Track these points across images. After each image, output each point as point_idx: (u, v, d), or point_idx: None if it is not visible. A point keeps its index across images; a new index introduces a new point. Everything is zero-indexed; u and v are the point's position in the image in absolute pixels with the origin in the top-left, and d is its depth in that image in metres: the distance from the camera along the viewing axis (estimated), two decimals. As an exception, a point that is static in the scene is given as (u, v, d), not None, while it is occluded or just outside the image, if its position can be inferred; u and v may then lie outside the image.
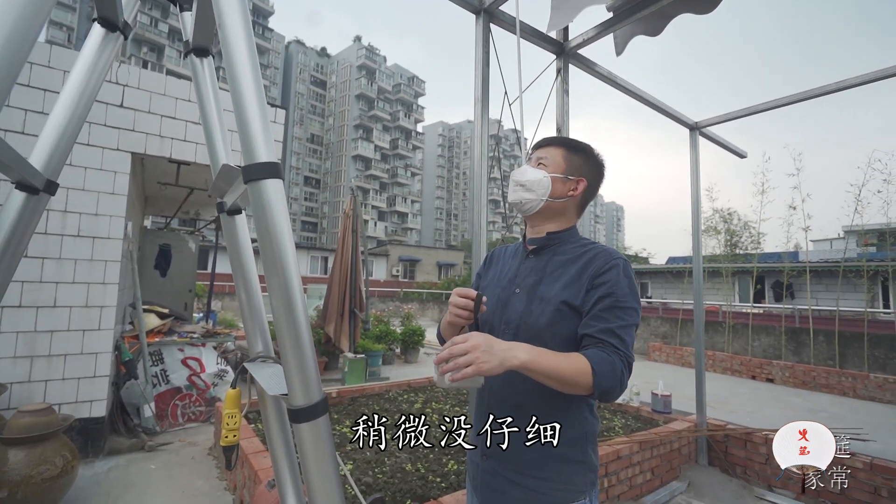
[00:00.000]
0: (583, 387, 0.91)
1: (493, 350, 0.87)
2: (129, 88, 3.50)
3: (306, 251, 26.78)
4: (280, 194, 0.84)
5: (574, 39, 2.61)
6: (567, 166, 1.16)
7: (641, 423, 3.77)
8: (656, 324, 11.05)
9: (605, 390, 0.92)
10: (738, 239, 11.57)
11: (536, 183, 1.14)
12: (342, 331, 6.16)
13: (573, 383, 0.91)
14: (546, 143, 1.22)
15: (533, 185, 1.14)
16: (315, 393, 0.85)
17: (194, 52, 1.23)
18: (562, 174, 1.15)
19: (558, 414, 1.06)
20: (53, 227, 3.16)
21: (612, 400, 0.97)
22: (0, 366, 2.93)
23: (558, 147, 1.19)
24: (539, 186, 1.14)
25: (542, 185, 1.14)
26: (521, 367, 0.89)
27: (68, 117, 1.02)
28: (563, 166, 1.16)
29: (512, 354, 0.88)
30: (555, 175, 1.15)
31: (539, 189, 1.14)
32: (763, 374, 7.96)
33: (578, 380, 0.91)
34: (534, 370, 0.89)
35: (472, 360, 0.84)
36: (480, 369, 0.84)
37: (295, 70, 56.56)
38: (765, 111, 3.36)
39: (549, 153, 1.18)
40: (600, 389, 0.91)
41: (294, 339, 0.84)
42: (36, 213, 0.98)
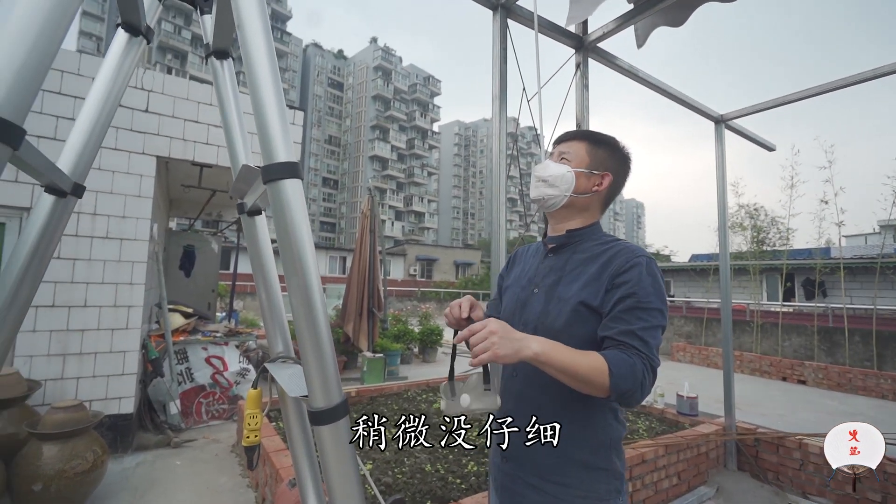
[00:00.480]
0: (598, 386, 0.88)
1: (510, 337, 0.86)
2: (154, 94, 3.59)
3: (325, 251, 27.13)
4: (299, 194, 0.83)
5: (594, 33, 2.54)
6: (591, 160, 1.12)
7: (667, 426, 3.68)
8: (680, 323, 10.78)
9: (623, 392, 0.87)
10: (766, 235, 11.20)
11: (559, 178, 1.10)
12: (361, 330, 6.20)
13: (588, 381, 0.87)
14: (569, 136, 1.18)
15: (556, 180, 1.11)
16: (335, 395, 0.84)
17: (214, 55, 1.24)
18: (586, 168, 1.11)
19: (579, 418, 1.02)
20: (84, 230, 3.27)
21: (631, 404, 0.93)
22: (35, 363, 3.05)
23: (581, 141, 1.15)
24: (562, 182, 1.10)
25: (566, 180, 1.10)
26: (534, 359, 0.86)
27: (94, 121, 1.04)
28: (586, 160, 1.12)
29: (526, 344, 0.86)
30: (578, 170, 1.11)
31: (562, 184, 1.10)
32: (794, 376, 7.67)
33: (594, 378, 0.87)
34: (547, 363, 0.87)
35: (489, 345, 0.84)
36: (496, 354, 0.83)
37: (313, 73, 57.35)
38: (794, 102, 3.22)
39: (571, 147, 1.14)
40: (617, 391, 0.87)
41: (314, 340, 0.83)
42: (64, 215, 1.00)
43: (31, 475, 2.38)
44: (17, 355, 3.01)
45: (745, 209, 10.59)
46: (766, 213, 11.16)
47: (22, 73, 0.62)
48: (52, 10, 0.70)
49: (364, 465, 2.75)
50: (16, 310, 0.94)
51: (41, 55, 0.67)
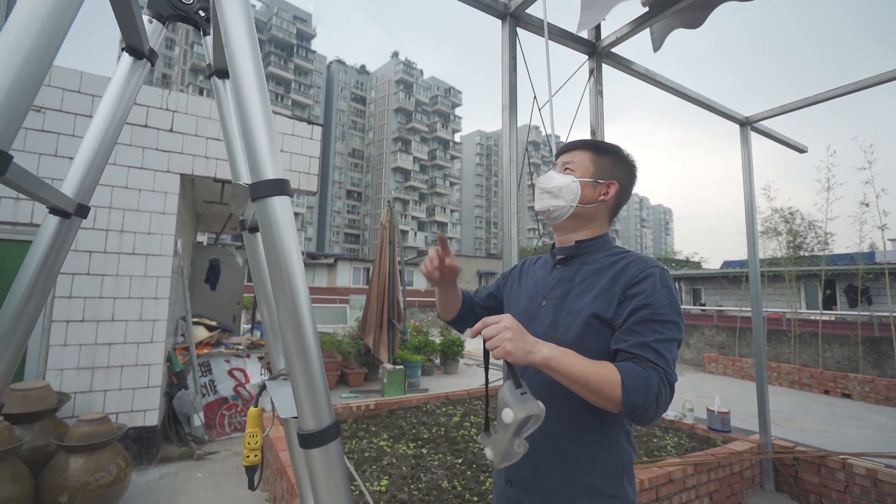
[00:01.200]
0: (609, 398, 0.83)
1: (523, 338, 0.83)
2: (178, 114, 3.73)
3: (349, 262, 27.48)
4: (287, 211, 0.82)
5: (607, 38, 2.49)
6: (596, 169, 1.09)
7: (697, 443, 3.49)
8: (711, 333, 10.34)
9: (636, 407, 0.82)
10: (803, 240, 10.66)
11: (564, 189, 1.07)
12: (381, 342, 6.20)
13: (599, 392, 0.83)
14: (571, 146, 1.14)
15: (560, 191, 1.08)
16: (325, 417, 0.81)
17: (216, 74, 1.26)
18: (591, 178, 1.08)
19: (589, 440, 0.97)
20: (112, 247, 3.40)
21: (645, 421, 0.85)
22: (65, 376, 3.16)
23: (584, 150, 1.11)
24: (567, 192, 1.07)
25: (571, 190, 1.07)
26: (544, 364, 0.84)
27: (98, 143, 1.06)
28: (591, 170, 1.09)
29: (538, 349, 0.84)
30: (583, 179, 1.07)
31: (567, 195, 1.07)
32: (838, 389, 7.21)
33: (605, 389, 0.82)
34: (557, 369, 0.84)
35: (500, 340, 0.82)
36: (506, 350, 0.81)
37: (336, 88, 58.89)
38: (826, 101, 3.06)
39: (575, 157, 1.11)
40: (630, 406, 0.82)
41: (303, 361, 0.80)
42: (69, 235, 1.02)
43: (58, 487, 2.45)
44: (48, 369, 3.13)
45: (780, 213, 10.15)
46: (803, 216, 10.67)
47: (8, 99, 0.62)
48: (41, 32, 0.71)
49: (381, 481, 2.71)
50: (22, 327, 0.95)
51: (28, 80, 0.68)
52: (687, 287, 19.83)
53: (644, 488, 2.55)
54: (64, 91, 3.30)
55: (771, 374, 7.99)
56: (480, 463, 3.03)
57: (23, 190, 0.79)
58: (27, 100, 0.69)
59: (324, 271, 26.61)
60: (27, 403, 2.71)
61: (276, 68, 49.13)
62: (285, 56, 50.98)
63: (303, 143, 4.26)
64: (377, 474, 2.81)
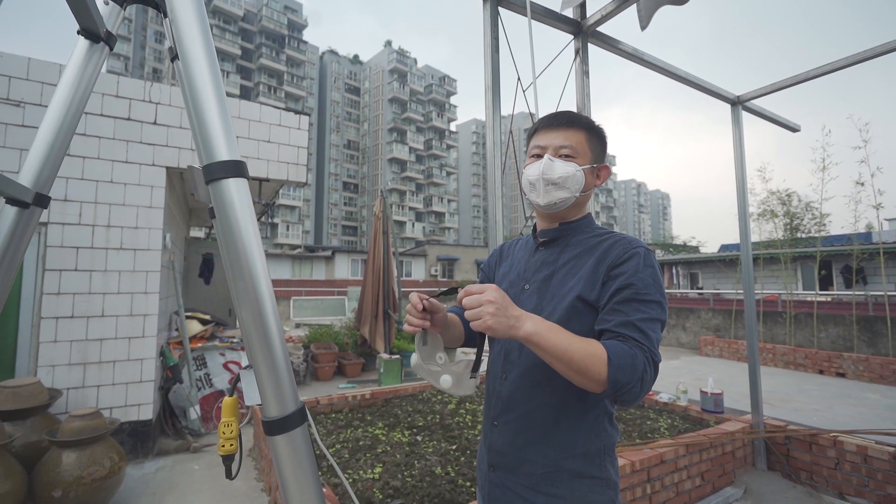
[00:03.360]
0: (594, 376, 0.80)
1: (506, 311, 0.79)
2: (162, 106, 3.67)
3: (347, 255, 27.45)
4: (244, 194, 0.79)
5: (592, 16, 2.44)
6: (592, 154, 1.04)
7: (690, 424, 3.51)
8: (708, 316, 10.39)
9: (622, 385, 0.80)
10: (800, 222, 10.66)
11: (570, 178, 1.00)
12: (377, 332, 6.21)
13: (583, 370, 0.80)
14: (565, 123, 1.04)
15: (567, 181, 1.00)
16: (290, 403, 0.80)
17: (178, 57, 1.22)
18: (590, 164, 1.03)
19: (572, 424, 0.96)
20: (99, 242, 3.36)
21: (629, 401, 0.83)
22: (57, 373, 3.15)
23: (580, 130, 1.03)
24: (573, 182, 1.01)
25: (577, 180, 1.01)
26: (527, 339, 0.80)
27: (56, 130, 1.03)
28: (589, 155, 1.03)
29: (520, 323, 0.80)
30: (586, 167, 1.02)
31: (573, 185, 1.01)
32: (832, 368, 7.26)
33: (590, 366, 0.80)
34: (540, 344, 0.80)
35: (482, 312, 0.78)
36: (487, 325, 0.78)
37: (330, 79, 58.23)
38: (817, 78, 3.02)
39: (571, 140, 1.02)
40: (616, 384, 0.79)
41: (265, 347, 0.79)
42: (28, 226, 0.99)
43: (51, 482, 2.46)
44: (40, 365, 3.12)
45: (777, 195, 10.12)
46: (800, 198, 10.64)
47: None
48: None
49: (374, 469, 2.72)
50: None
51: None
52: (684, 271, 19.88)
53: (635, 469, 2.57)
54: (10, 79, 3.15)
55: (766, 356, 8.04)
56: (473, 449, 3.05)
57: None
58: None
59: (321, 264, 26.59)
60: (18, 400, 2.71)
61: (267, 60, 48.47)
62: (277, 47, 50.27)
63: (290, 134, 4.21)
64: (371, 462, 2.83)
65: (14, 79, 3.15)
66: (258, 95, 46.84)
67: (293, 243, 43.58)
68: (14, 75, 3.15)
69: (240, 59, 47.49)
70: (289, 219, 47.29)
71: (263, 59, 48.26)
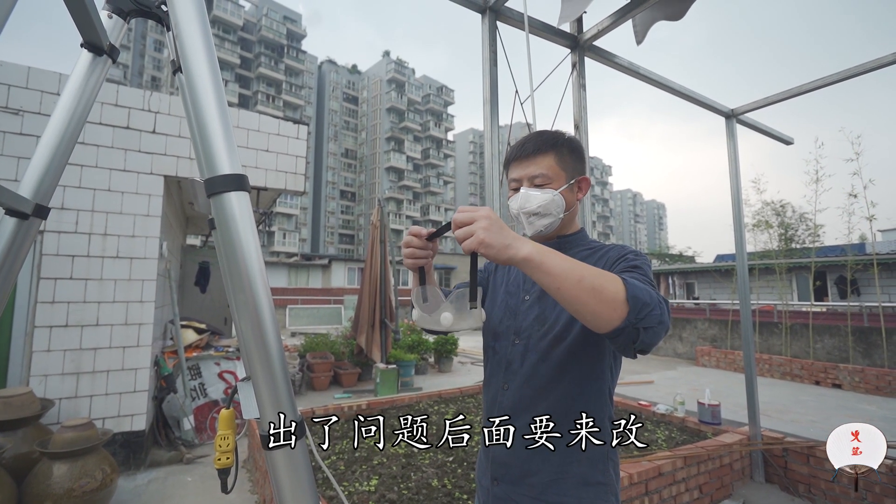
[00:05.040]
0: (611, 294, 0.69)
1: (502, 230, 0.72)
2: (161, 115, 3.68)
3: (343, 263, 27.37)
4: (245, 208, 0.80)
5: (589, 31, 2.48)
6: (566, 172, 1.03)
7: (687, 436, 3.50)
8: (704, 326, 10.40)
9: (643, 305, 0.70)
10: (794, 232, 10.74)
11: (549, 205, 1.01)
12: (374, 341, 6.18)
13: (597, 288, 0.69)
14: (530, 151, 1.03)
15: (547, 208, 1.01)
16: (288, 417, 0.80)
17: (181, 70, 1.23)
18: (566, 183, 1.03)
19: (574, 425, 0.95)
20: (95, 250, 3.35)
21: (652, 332, 0.72)
22: (49, 382, 3.11)
23: (547, 154, 1.03)
24: (554, 207, 1.01)
25: (556, 204, 1.01)
26: (527, 259, 0.70)
27: (57, 142, 1.03)
28: (563, 174, 1.03)
29: (518, 244, 0.71)
30: (563, 188, 1.02)
31: (555, 209, 1.02)
32: (828, 379, 7.28)
33: (604, 284, 0.70)
34: (543, 265, 0.70)
35: (476, 228, 0.71)
36: (481, 240, 0.70)
37: (328, 88, 58.60)
38: (810, 92, 3.07)
39: (540, 166, 1.02)
40: (636, 303, 0.70)
41: (264, 360, 0.79)
42: (27, 237, 0.99)
43: (42, 494, 2.41)
44: (32, 375, 3.08)
45: (771, 206, 10.22)
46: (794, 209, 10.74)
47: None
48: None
49: (370, 481, 2.69)
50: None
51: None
52: (680, 281, 19.94)
53: (633, 482, 2.55)
54: (10, 87, 3.15)
55: (762, 366, 8.04)
56: (471, 461, 3.02)
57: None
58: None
59: (318, 272, 26.52)
60: (9, 410, 2.67)
61: (266, 69, 48.78)
62: (276, 57, 50.62)
63: (289, 143, 4.22)
64: (367, 474, 2.80)
65: (14, 87, 3.15)
66: (256, 104, 47.04)
67: (290, 251, 43.45)
68: (14, 84, 3.15)
69: (239, 68, 47.77)
70: (286, 227, 47.21)
71: (262, 69, 48.56)
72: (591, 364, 0.97)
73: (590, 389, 0.97)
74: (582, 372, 0.97)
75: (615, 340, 0.74)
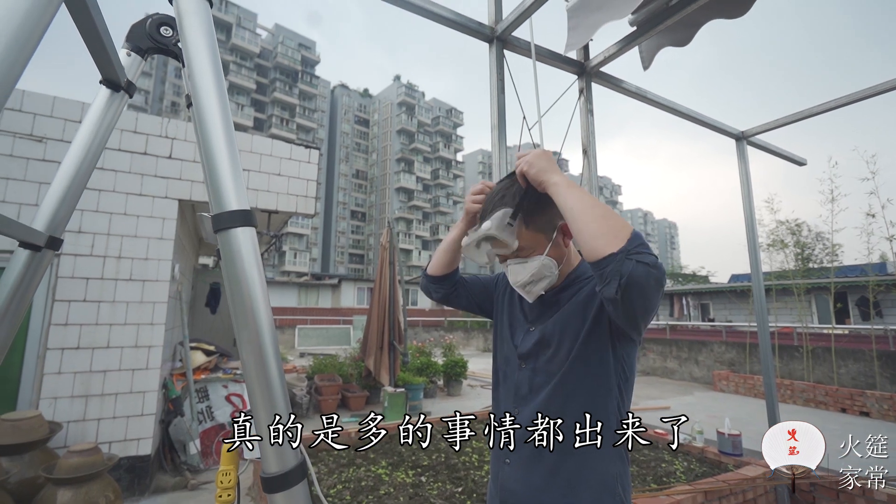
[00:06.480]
0: (617, 225, 0.81)
1: (547, 160, 0.92)
2: (177, 141, 3.78)
3: (353, 283, 27.43)
4: (251, 243, 0.80)
5: (595, 58, 2.51)
6: (542, 227, 0.99)
7: (707, 468, 3.36)
8: (721, 349, 10.12)
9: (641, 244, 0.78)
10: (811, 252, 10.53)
11: (540, 270, 0.98)
12: (382, 364, 6.12)
13: (607, 216, 0.82)
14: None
15: (539, 273, 0.98)
16: (290, 458, 0.77)
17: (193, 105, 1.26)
18: (547, 240, 0.99)
19: (585, 451, 0.93)
20: (109, 273, 3.40)
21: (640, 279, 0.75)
22: (58, 405, 3.12)
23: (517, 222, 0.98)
24: (545, 269, 0.99)
25: (546, 266, 0.98)
26: (554, 182, 0.89)
27: (73, 176, 1.05)
28: (541, 236, 0.99)
29: (553, 171, 0.91)
30: (546, 248, 0.99)
31: (547, 271, 0.99)
32: (855, 407, 6.98)
33: (615, 218, 0.82)
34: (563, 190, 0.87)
35: (529, 155, 0.93)
36: (528, 161, 0.92)
37: (340, 112, 60.01)
38: (822, 113, 3.05)
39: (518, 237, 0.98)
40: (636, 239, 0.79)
41: (266, 398, 0.77)
42: (39, 268, 1.01)
43: (45, 521, 2.38)
44: (42, 397, 3.09)
45: (786, 225, 10.05)
46: (810, 228, 10.56)
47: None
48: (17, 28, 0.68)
49: (376, 512, 2.61)
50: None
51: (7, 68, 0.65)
52: (694, 302, 19.56)
53: (651, 518, 2.44)
54: (35, 116, 3.25)
55: (784, 392, 7.76)
56: (481, 492, 2.93)
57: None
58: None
59: (328, 292, 26.58)
60: (17, 434, 2.66)
61: (281, 94, 50.22)
62: (290, 82, 52.16)
63: (300, 167, 4.30)
64: (373, 505, 2.72)
65: (39, 116, 3.28)
66: (271, 127, 48.26)
67: (300, 271, 43.76)
68: (39, 112, 3.28)
69: (255, 93, 49.26)
70: (297, 246, 47.69)
71: (277, 93, 50.00)
72: (597, 382, 0.96)
73: (600, 408, 0.95)
74: (589, 391, 0.96)
75: (603, 270, 0.79)
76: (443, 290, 1.28)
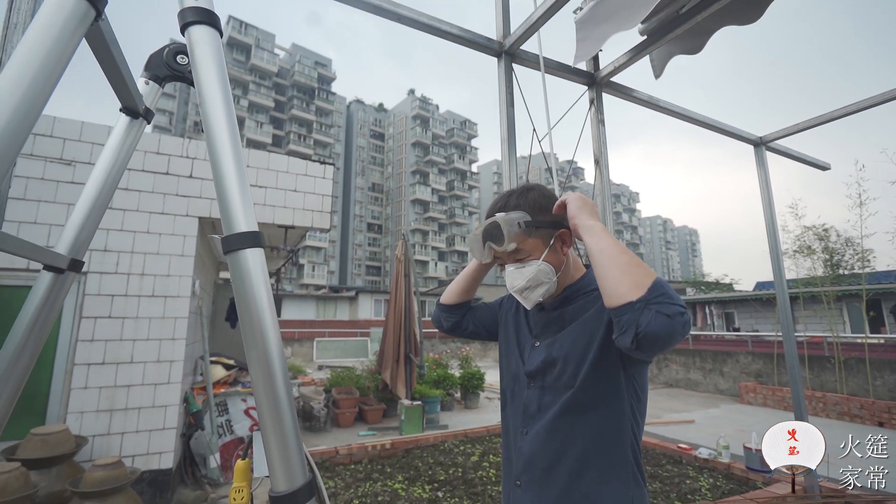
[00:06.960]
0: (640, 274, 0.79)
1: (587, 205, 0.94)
2: (197, 160, 3.90)
3: (370, 294, 27.60)
4: (260, 265, 0.81)
5: (605, 68, 2.50)
6: (541, 237, 1.00)
7: (734, 485, 3.23)
8: (747, 360, 9.78)
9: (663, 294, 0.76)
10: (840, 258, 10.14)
11: (538, 275, 0.99)
12: (398, 377, 6.11)
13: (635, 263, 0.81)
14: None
15: (536, 279, 0.99)
16: (298, 477, 0.78)
17: (206, 130, 1.31)
18: (545, 245, 1.00)
19: (597, 475, 0.92)
20: (133, 289, 3.50)
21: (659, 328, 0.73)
22: (84, 419, 3.20)
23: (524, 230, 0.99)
24: (543, 275, 0.99)
25: (544, 272, 0.99)
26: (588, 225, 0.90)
27: (94, 200, 1.10)
28: (539, 241, 1.00)
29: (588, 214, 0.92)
30: (544, 255, 0.99)
31: (545, 277, 1.00)
32: (893, 421, 6.63)
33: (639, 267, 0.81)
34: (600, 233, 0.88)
35: (573, 194, 0.95)
36: (575, 196, 0.94)
37: (356, 126, 61.14)
38: (844, 117, 2.97)
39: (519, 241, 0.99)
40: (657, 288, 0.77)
41: (275, 417, 0.78)
42: (62, 290, 1.05)
43: (70, 535, 2.43)
44: (69, 412, 3.18)
45: (813, 230, 9.73)
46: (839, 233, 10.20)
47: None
48: (23, 96, 0.73)
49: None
50: (14, 380, 0.96)
51: (7, 158, 0.70)
52: (718, 311, 19.02)
53: (675, 538, 2.35)
54: (65, 140, 3.40)
55: (815, 405, 7.44)
56: (498, 508, 2.87)
57: (15, 253, 0.82)
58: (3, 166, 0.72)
59: (345, 304, 26.80)
60: (46, 448, 2.74)
61: (298, 111, 51.51)
62: (307, 99, 53.50)
63: (315, 183, 4.38)
64: (389, 522, 2.70)
65: (68, 140, 3.44)
66: (289, 143, 49.45)
67: (318, 283, 44.30)
68: (68, 137, 3.44)
69: (273, 111, 50.65)
70: (315, 259, 48.37)
71: (295, 110, 51.31)
72: (609, 403, 0.94)
73: (612, 430, 0.93)
74: (600, 412, 0.94)
75: (620, 318, 0.78)
76: (453, 318, 1.30)
